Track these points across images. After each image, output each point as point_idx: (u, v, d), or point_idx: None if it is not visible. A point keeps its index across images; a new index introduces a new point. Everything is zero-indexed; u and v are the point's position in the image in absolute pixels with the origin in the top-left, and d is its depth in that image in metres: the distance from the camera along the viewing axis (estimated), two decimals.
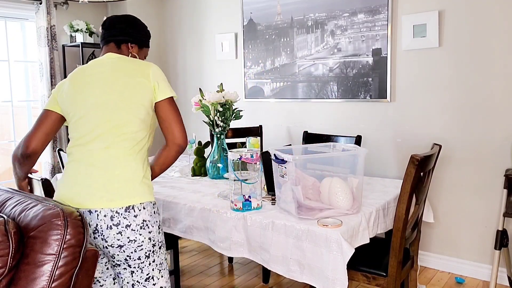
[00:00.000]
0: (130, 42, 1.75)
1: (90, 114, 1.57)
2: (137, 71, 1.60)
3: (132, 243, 1.51)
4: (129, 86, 1.57)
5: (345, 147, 2.21)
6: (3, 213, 1.41)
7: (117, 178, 1.52)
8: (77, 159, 1.57)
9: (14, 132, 4.09)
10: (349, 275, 2.06)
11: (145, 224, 1.53)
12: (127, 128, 1.55)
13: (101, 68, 1.62)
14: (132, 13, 4.48)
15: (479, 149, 2.91)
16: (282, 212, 2.04)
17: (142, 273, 1.55)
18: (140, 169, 1.56)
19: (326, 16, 3.47)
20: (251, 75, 3.98)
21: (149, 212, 1.55)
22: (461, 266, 3.05)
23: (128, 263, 1.54)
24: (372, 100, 3.30)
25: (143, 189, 1.55)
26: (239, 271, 3.18)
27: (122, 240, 1.50)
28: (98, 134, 1.55)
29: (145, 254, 1.54)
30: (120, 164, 1.53)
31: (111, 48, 1.73)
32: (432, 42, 2.99)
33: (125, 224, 1.50)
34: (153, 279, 1.57)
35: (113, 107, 1.55)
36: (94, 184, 1.51)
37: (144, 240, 1.53)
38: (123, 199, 1.50)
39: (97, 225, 1.50)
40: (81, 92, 1.60)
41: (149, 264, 1.56)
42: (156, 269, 1.58)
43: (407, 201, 1.92)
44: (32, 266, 1.24)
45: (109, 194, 1.50)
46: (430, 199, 3.12)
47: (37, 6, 3.90)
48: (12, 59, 4.05)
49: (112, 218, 1.49)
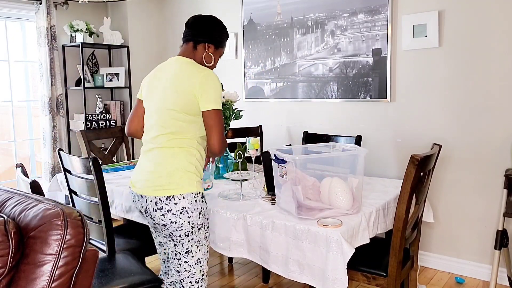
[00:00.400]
0: (207, 43, 1.91)
1: (152, 116, 1.88)
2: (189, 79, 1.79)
3: (173, 224, 1.80)
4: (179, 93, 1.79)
5: (345, 147, 2.21)
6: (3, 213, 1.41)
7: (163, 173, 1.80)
8: (142, 151, 1.94)
9: (14, 132, 4.09)
10: (349, 275, 2.06)
11: (185, 210, 1.79)
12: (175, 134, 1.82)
13: (166, 74, 1.87)
14: (132, 13, 4.48)
15: (479, 149, 2.91)
16: (282, 212, 2.04)
17: (182, 247, 1.84)
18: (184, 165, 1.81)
19: (326, 16, 3.47)
20: (251, 75, 3.98)
21: (189, 201, 1.80)
22: (461, 266, 3.05)
23: (171, 237, 1.83)
24: (372, 100, 3.30)
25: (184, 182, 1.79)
26: (239, 271, 3.18)
27: (165, 221, 1.81)
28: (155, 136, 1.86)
29: (184, 233, 1.81)
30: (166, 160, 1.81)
31: (188, 47, 1.92)
32: (432, 42, 2.99)
33: (167, 209, 1.79)
34: (191, 252, 1.85)
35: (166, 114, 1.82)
36: (146, 175, 1.84)
37: (184, 222, 1.79)
38: (165, 190, 1.78)
39: (146, 208, 1.84)
40: (150, 95, 1.91)
41: (188, 241, 1.83)
42: (195, 245, 1.85)
43: (407, 201, 1.92)
44: (32, 266, 1.24)
45: (155, 185, 1.80)
46: (430, 199, 3.12)
47: (37, 6, 3.90)
48: (12, 59, 4.05)
49: (156, 203, 1.80)
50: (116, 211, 2.58)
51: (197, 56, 1.92)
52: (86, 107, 4.22)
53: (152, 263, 3.33)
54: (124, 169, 3.09)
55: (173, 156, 1.81)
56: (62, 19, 4.20)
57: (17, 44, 4.11)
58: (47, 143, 4.03)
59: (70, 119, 4.33)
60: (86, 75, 4.29)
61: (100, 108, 4.41)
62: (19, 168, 2.17)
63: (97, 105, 4.41)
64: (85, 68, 4.31)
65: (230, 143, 3.32)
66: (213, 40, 1.92)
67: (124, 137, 3.59)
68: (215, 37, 1.93)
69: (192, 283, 1.88)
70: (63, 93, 4.17)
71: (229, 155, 2.80)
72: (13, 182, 4.14)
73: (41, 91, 3.98)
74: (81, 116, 4.21)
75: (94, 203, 2.27)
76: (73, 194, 2.49)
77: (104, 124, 4.29)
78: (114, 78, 4.42)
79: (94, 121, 4.21)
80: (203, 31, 1.91)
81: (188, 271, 1.87)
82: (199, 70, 1.81)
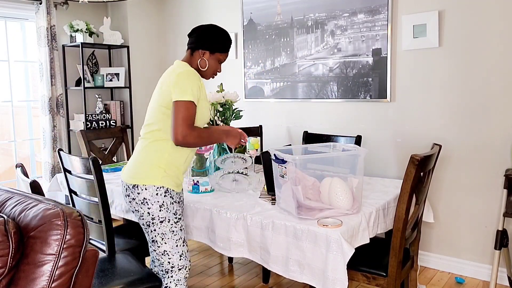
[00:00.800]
0: (201, 49, 2.02)
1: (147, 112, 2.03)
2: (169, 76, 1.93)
3: (136, 212, 1.95)
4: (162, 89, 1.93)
5: (345, 147, 2.21)
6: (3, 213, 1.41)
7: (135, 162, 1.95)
8: None
9: (14, 132, 4.09)
10: (349, 275, 2.06)
11: (145, 201, 1.90)
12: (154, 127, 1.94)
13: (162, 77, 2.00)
14: (132, 13, 4.48)
15: (479, 149, 2.91)
16: (282, 212, 2.04)
17: (148, 236, 1.97)
18: (153, 157, 1.92)
19: (326, 16, 3.46)
20: (251, 75, 3.98)
21: (150, 193, 1.89)
22: (461, 266, 3.05)
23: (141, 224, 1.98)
24: (372, 100, 3.30)
25: (149, 174, 1.90)
26: (239, 271, 3.18)
27: (132, 208, 1.97)
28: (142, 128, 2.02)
29: (146, 223, 1.94)
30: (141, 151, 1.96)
31: (187, 54, 2.06)
32: (432, 42, 2.99)
33: (132, 197, 1.93)
34: (156, 243, 1.95)
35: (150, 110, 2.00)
36: (128, 163, 2.01)
37: (144, 213, 1.92)
38: (132, 178, 1.92)
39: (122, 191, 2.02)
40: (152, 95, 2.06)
41: (151, 231, 1.94)
42: (159, 236, 1.94)
43: (407, 201, 1.92)
44: (32, 266, 1.24)
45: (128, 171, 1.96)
46: (430, 199, 3.12)
47: (37, 6, 3.90)
48: (12, 59, 4.05)
49: (126, 189, 1.95)
50: (116, 211, 2.58)
51: (193, 62, 2.04)
52: (86, 107, 4.21)
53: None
54: None
55: (146, 148, 1.95)
56: (62, 19, 4.20)
57: (17, 44, 4.11)
58: (47, 143, 4.03)
59: (70, 119, 4.33)
60: (86, 75, 4.29)
61: (100, 108, 4.40)
62: (19, 168, 2.17)
63: (97, 105, 4.41)
64: (85, 68, 4.31)
65: None
66: (206, 46, 2.02)
67: (124, 137, 3.59)
68: (209, 43, 2.02)
69: (162, 272, 1.99)
70: (63, 93, 4.17)
71: None
72: (13, 182, 4.14)
73: (41, 91, 3.98)
74: (81, 116, 4.20)
75: (94, 203, 2.27)
76: (73, 194, 2.49)
77: (104, 124, 4.29)
78: (114, 78, 4.42)
79: (94, 121, 4.21)
80: (198, 39, 2.03)
81: (157, 260, 1.98)
82: (179, 68, 1.95)
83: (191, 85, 1.88)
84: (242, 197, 2.32)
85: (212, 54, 2.04)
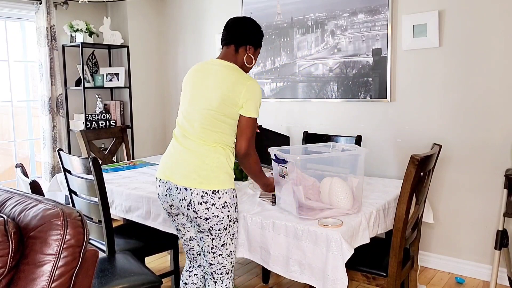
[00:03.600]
0: (248, 45, 1.97)
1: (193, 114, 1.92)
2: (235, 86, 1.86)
3: (215, 218, 1.86)
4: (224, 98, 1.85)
5: (345, 147, 2.21)
6: (3, 213, 1.41)
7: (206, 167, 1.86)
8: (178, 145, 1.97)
9: (14, 132, 4.09)
10: (349, 275, 2.06)
11: (226, 204, 1.86)
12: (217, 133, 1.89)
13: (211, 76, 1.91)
14: (132, 13, 4.48)
15: (479, 149, 2.91)
16: (282, 212, 2.04)
17: (220, 240, 1.90)
18: (224, 161, 1.88)
19: (326, 16, 3.46)
20: (251, 75, 3.98)
21: (230, 195, 1.87)
22: (461, 266, 3.05)
23: (210, 231, 1.88)
24: (372, 100, 3.30)
25: (226, 178, 1.87)
26: (239, 271, 3.18)
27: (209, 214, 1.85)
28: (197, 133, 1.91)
29: (223, 227, 1.88)
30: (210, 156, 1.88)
31: (229, 51, 1.97)
32: (432, 42, 2.99)
33: (212, 202, 1.84)
34: (227, 245, 1.92)
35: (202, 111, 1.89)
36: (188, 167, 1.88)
37: (224, 216, 1.87)
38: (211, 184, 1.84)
39: (191, 200, 1.85)
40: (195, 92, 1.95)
41: (225, 234, 1.90)
42: (230, 238, 1.92)
43: (407, 201, 1.92)
44: (32, 266, 1.24)
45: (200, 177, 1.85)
46: (430, 199, 3.12)
47: (37, 6, 3.90)
48: (12, 59, 4.05)
49: (202, 196, 1.83)
50: (116, 211, 2.58)
51: (239, 59, 1.98)
52: (86, 107, 4.21)
53: (152, 263, 3.33)
54: (124, 169, 3.09)
55: (215, 153, 1.88)
56: (62, 19, 4.20)
57: (17, 44, 4.11)
58: (47, 143, 4.02)
59: (70, 119, 4.33)
60: (86, 75, 4.29)
61: (100, 108, 4.40)
62: (19, 168, 2.17)
63: (97, 105, 4.41)
64: (85, 68, 4.31)
65: None
66: (253, 42, 1.98)
67: (124, 137, 3.59)
68: (255, 38, 1.99)
69: (222, 274, 1.95)
70: (63, 93, 4.17)
71: None
72: (13, 182, 4.14)
73: (41, 91, 3.98)
74: (81, 116, 4.20)
75: (94, 203, 2.27)
76: (73, 194, 2.49)
77: (104, 124, 4.29)
78: (114, 78, 4.42)
79: (94, 121, 4.21)
80: (244, 34, 1.96)
81: (221, 263, 1.94)
82: (244, 79, 1.88)
83: (260, 100, 1.91)
84: (242, 197, 2.32)
85: (256, 49, 2.01)
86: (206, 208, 1.84)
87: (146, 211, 2.40)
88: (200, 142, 1.88)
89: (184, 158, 1.89)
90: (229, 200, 1.87)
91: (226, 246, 1.92)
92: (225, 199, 1.85)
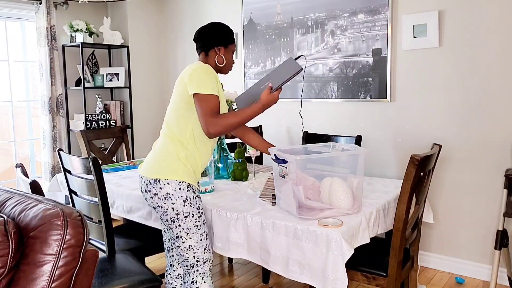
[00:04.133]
0: (216, 46, 2.05)
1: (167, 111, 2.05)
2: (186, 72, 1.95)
3: (160, 208, 1.93)
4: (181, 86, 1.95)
5: (345, 147, 2.21)
6: (3, 213, 1.41)
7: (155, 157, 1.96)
8: None
9: (14, 132, 4.09)
10: (349, 275, 2.06)
11: (169, 196, 1.89)
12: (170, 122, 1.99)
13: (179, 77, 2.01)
14: (132, 13, 4.48)
15: (479, 149, 2.91)
16: (282, 212, 2.04)
17: (173, 232, 1.95)
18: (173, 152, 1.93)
19: (326, 16, 3.46)
20: (251, 75, 3.98)
21: (173, 187, 1.89)
22: (461, 266, 3.05)
23: (161, 221, 1.97)
24: (372, 100, 3.30)
25: (170, 168, 1.90)
26: (239, 271, 3.18)
27: (152, 204, 1.95)
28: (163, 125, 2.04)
29: (170, 219, 1.92)
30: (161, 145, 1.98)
31: (202, 57, 2.08)
32: (432, 42, 2.99)
33: (154, 192, 1.91)
34: (181, 238, 1.94)
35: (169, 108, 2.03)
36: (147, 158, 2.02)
37: (168, 208, 1.91)
38: (153, 171, 1.92)
39: (141, 188, 1.99)
40: None
41: (176, 227, 1.93)
42: (183, 232, 1.94)
43: (407, 201, 1.92)
44: (32, 266, 1.24)
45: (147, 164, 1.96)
46: (430, 199, 3.12)
47: (37, 6, 3.90)
48: (12, 59, 4.05)
49: (147, 185, 1.93)
50: (117, 212, 2.58)
51: (210, 62, 2.06)
52: (86, 107, 4.21)
53: (152, 263, 3.33)
54: (124, 169, 3.09)
55: (166, 143, 1.96)
56: (62, 19, 4.20)
57: (17, 44, 4.11)
58: (47, 143, 4.02)
59: (70, 119, 4.33)
60: (86, 75, 4.29)
61: (100, 108, 4.40)
62: (19, 168, 2.17)
63: (97, 105, 4.41)
64: (85, 68, 4.31)
65: (230, 143, 3.31)
66: (218, 42, 2.05)
67: (124, 137, 3.59)
68: (219, 39, 2.05)
69: (188, 267, 1.99)
70: (63, 93, 4.17)
71: (229, 155, 2.79)
72: (13, 182, 4.14)
73: (41, 91, 3.98)
74: (81, 116, 4.20)
75: (94, 203, 2.27)
76: (73, 194, 2.49)
77: (104, 124, 4.29)
78: (114, 78, 4.42)
79: (94, 121, 4.21)
80: (209, 38, 2.05)
81: (182, 255, 1.98)
82: (195, 65, 1.96)
83: (208, 78, 1.91)
84: (242, 197, 2.32)
85: (226, 48, 2.07)
86: (150, 197, 1.93)
87: (147, 211, 2.40)
88: (162, 136, 2.01)
89: None
90: (173, 192, 1.89)
91: (182, 239, 1.94)
92: (167, 190, 1.88)
